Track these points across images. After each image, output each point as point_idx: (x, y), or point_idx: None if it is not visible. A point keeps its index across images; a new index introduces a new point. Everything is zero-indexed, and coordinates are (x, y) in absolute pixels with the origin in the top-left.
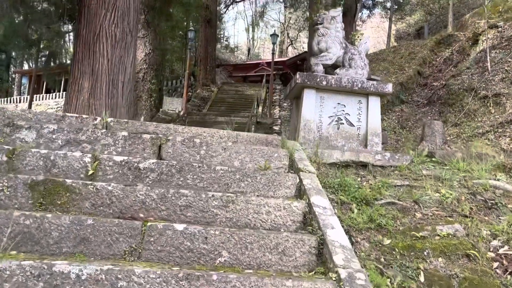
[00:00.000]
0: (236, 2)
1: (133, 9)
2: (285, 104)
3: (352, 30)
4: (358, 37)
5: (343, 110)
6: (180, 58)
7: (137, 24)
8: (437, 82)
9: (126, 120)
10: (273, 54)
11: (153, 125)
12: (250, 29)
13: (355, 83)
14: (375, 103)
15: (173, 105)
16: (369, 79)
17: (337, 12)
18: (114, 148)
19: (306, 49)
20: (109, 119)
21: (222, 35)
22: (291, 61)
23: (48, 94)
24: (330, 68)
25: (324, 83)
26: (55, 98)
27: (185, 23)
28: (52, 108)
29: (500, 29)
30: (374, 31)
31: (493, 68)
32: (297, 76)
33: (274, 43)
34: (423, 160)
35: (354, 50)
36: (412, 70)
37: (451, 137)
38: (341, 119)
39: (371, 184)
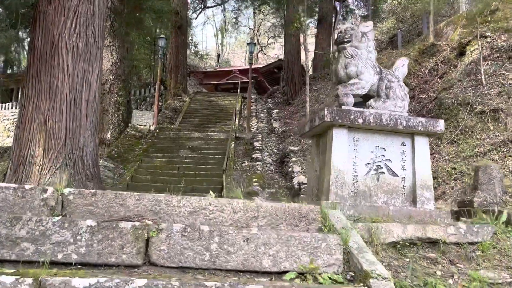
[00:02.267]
0: (207, 7)
1: (98, 16)
2: (262, 115)
3: (331, 40)
4: None
5: (383, 155)
6: (148, 65)
7: (103, 33)
8: (425, 94)
9: (93, 191)
10: (250, 63)
11: (133, 197)
12: (219, 34)
13: (399, 120)
14: (422, 145)
15: (143, 119)
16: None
17: (368, 27)
18: (74, 248)
19: (279, 57)
20: (66, 191)
21: (191, 41)
22: (266, 68)
23: (4, 104)
24: (358, 98)
25: (360, 121)
26: (12, 108)
27: (154, 29)
28: (8, 119)
29: (489, 39)
30: None
31: (487, 81)
32: (325, 112)
33: (251, 52)
34: (504, 230)
35: (391, 75)
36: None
37: (450, 156)
38: (381, 167)
39: (464, 287)
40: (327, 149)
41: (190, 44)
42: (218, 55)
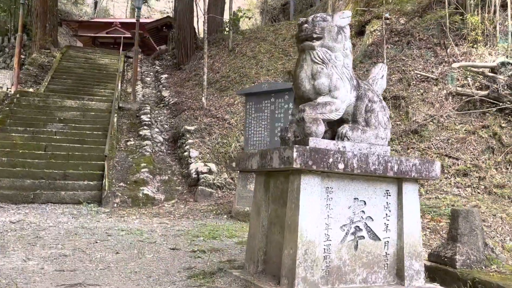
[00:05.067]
0: None
1: None
2: (148, 79)
3: (224, 1)
4: (241, 16)
5: (363, 212)
6: (8, 8)
7: None
8: None
9: None
10: (137, 21)
11: None
12: None
13: (389, 164)
14: (412, 196)
15: None
16: None
17: (346, 18)
18: None
19: (166, 11)
20: None
21: None
22: (152, 25)
23: None
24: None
25: (341, 166)
26: None
27: None
28: None
29: (388, 21)
30: None
31: (389, 66)
32: (294, 153)
33: (139, 8)
34: None
35: (372, 93)
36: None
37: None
38: (360, 229)
39: None
40: (288, 203)
41: None
42: (96, 3)
